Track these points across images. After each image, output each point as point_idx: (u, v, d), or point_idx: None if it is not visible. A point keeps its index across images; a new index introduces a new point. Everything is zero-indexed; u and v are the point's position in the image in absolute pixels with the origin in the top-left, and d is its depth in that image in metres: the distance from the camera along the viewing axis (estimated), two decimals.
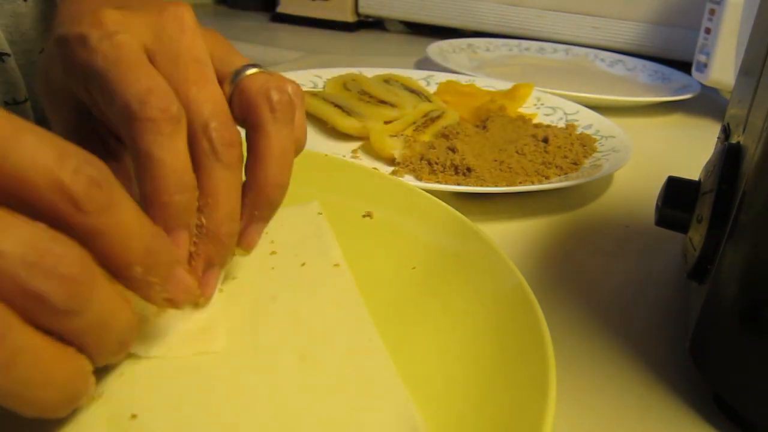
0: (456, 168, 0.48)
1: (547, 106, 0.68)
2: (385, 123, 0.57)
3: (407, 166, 0.50)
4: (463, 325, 0.28)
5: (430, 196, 0.36)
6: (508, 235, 0.44)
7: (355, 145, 0.56)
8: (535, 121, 0.63)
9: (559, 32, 1.05)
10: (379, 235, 0.35)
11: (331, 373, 0.25)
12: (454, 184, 0.46)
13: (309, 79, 0.68)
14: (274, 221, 0.28)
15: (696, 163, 0.39)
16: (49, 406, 0.18)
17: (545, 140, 0.55)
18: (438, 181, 0.47)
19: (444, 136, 0.54)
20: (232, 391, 0.24)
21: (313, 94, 0.61)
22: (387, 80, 0.68)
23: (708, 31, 0.73)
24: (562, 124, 0.64)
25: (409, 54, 0.99)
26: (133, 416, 0.22)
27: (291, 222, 0.29)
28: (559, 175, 0.51)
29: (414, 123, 0.57)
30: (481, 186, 0.46)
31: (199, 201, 0.25)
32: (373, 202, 0.37)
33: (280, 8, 1.22)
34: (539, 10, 1.06)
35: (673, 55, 0.98)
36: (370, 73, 0.71)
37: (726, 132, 0.36)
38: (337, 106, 0.58)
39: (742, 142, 0.30)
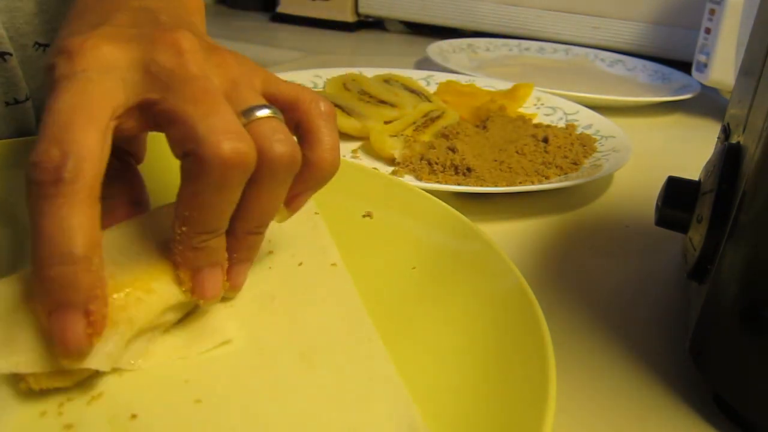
0: (456, 168, 0.48)
1: (547, 106, 0.68)
2: (385, 123, 0.57)
3: (407, 166, 0.50)
4: (463, 325, 0.28)
5: (430, 196, 0.36)
6: (508, 235, 0.44)
7: (355, 145, 0.56)
8: (535, 121, 0.63)
9: (559, 32, 1.05)
10: (379, 235, 0.35)
11: (331, 372, 0.25)
12: (454, 184, 0.46)
13: (309, 79, 0.68)
14: (271, 222, 0.28)
15: (696, 163, 0.39)
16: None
17: (545, 140, 0.55)
18: (438, 181, 0.47)
19: (444, 136, 0.54)
20: (231, 392, 0.24)
21: None
22: (387, 80, 0.68)
23: (708, 31, 0.73)
24: (562, 124, 0.64)
25: (409, 54, 0.99)
26: (133, 416, 0.22)
27: (288, 222, 0.29)
28: (559, 175, 0.51)
29: (414, 123, 0.57)
30: (481, 186, 0.46)
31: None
32: (373, 202, 0.37)
33: (280, 8, 1.22)
34: (539, 10, 1.06)
35: (673, 55, 0.98)
36: (370, 73, 0.71)
37: (726, 132, 0.36)
38: (337, 106, 0.58)
39: (742, 142, 0.30)
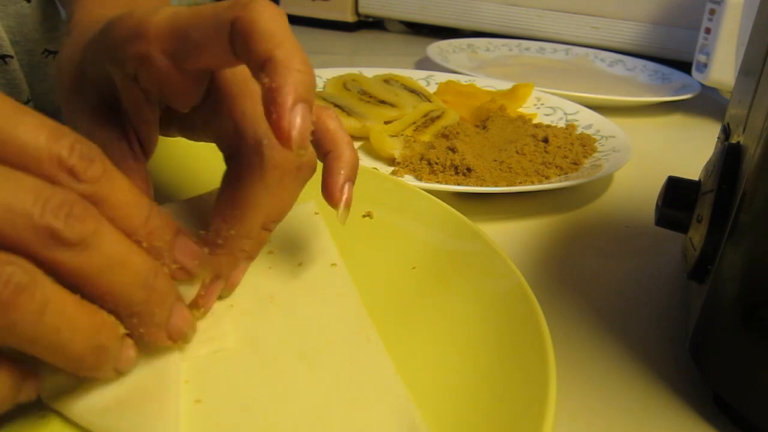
0: (456, 168, 0.48)
1: (547, 106, 0.68)
2: (385, 123, 0.57)
3: (407, 166, 0.50)
4: (463, 325, 0.28)
5: (430, 196, 0.36)
6: (508, 235, 0.44)
7: (355, 145, 0.56)
8: (535, 121, 0.63)
9: (559, 32, 1.05)
10: (379, 235, 0.35)
11: (331, 372, 0.25)
12: (454, 184, 0.46)
13: None
14: None
15: (696, 163, 0.39)
16: (78, 354, 0.19)
17: (545, 140, 0.55)
18: (438, 181, 0.47)
19: (444, 136, 0.54)
20: (231, 392, 0.24)
21: None
22: (387, 80, 0.68)
23: (708, 31, 0.73)
24: (562, 124, 0.64)
25: (409, 54, 0.99)
26: None
27: (287, 221, 0.29)
28: (559, 175, 0.51)
29: (414, 123, 0.57)
30: (481, 186, 0.46)
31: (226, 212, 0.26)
32: (373, 202, 0.37)
33: (280, 8, 1.22)
34: (539, 10, 1.06)
35: (673, 55, 0.98)
36: (370, 73, 0.71)
37: (726, 132, 0.36)
38: (337, 106, 0.58)
39: (742, 142, 0.30)
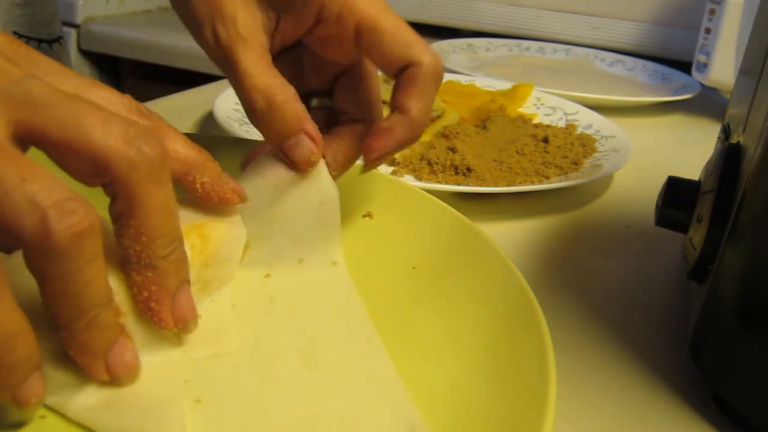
0: (456, 168, 0.48)
1: (547, 106, 0.68)
2: None
3: (407, 166, 0.50)
4: (463, 325, 0.28)
5: (430, 196, 0.36)
6: (508, 235, 0.44)
7: None
8: (535, 121, 0.63)
9: (559, 32, 1.05)
10: (379, 235, 0.35)
11: (331, 372, 0.25)
12: (454, 184, 0.46)
13: None
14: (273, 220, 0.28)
15: (696, 163, 0.39)
16: None
17: (545, 140, 0.55)
18: (438, 181, 0.47)
19: (444, 136, 0.54)
20: (231, 392, 0.24)
21: None
22: (387, 80, 0.68)
23: (708, 31, 0.73)
24: (562, 124, 0.64)
25: None
26: None
27: (293, 214, 0.29)
28: (559, 175, 0.51)
29: None
30: (481, 186, 0.46)
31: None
32: (373, 202, 0.37)
33: None
34: (539, 10, 1.06)
35: (673, 55, 0.98)
36: None
37: (726, 132, 0.36)
38: None
39: (742, 142, 0.30)
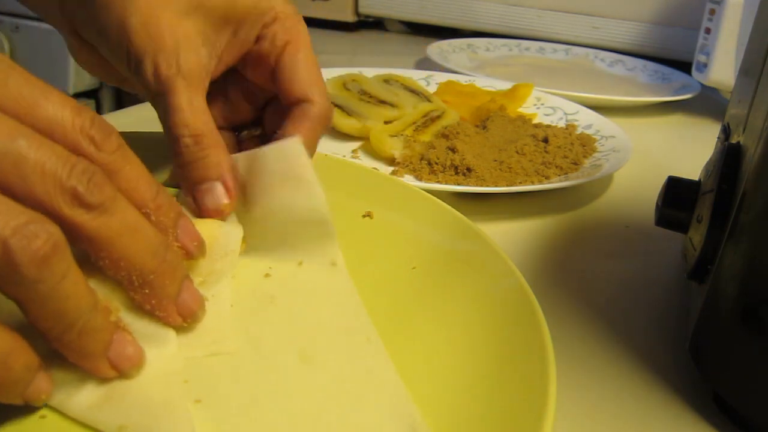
0: (456, 168, 0.48)
1: (547, 106, 0.68)
2: (385, 123, 0.57)
3: (407, 166, 0.50)
4: (463, 325, 0.28)
5: (430, 196, 0.36)
6: (508, 235, 0.44)
7: (355, 145, 0.56)
8: (535, 121, 0.63)
9: (559, 32, 1.05)
10: (379, 235, 0.35)
11: (331, 372, 0.25)
12: (454, 184, 0.46)
13: None
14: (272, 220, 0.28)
15: (696, 163, 0.39)
16: None
17: (545, 140, 0.55)
18: (438, 181, 0.47)
19: (444, 136, 0.54)
20: (231, 392, 0.24)
21: None
22: (387, 80, 0.68)
23: (708, 31, 0.73)
24: (562, 124, 0.64)
25: (409, 54, 0.99)
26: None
27: (289, 217, 0.29)
28: (559, 175, 0.51)
29: (414, 123, 0.57)
30: (481, 186, 0.46)
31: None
32: (373, 202, 0.37)
33: None
34: (539, 10, 1.06)
35: (673, 55, 0.98)
36: (370, 73, 0.70)
37: (726, 132, 0.36)
38: (337, 106, 0.58)
39: (742, 142, 0.30)
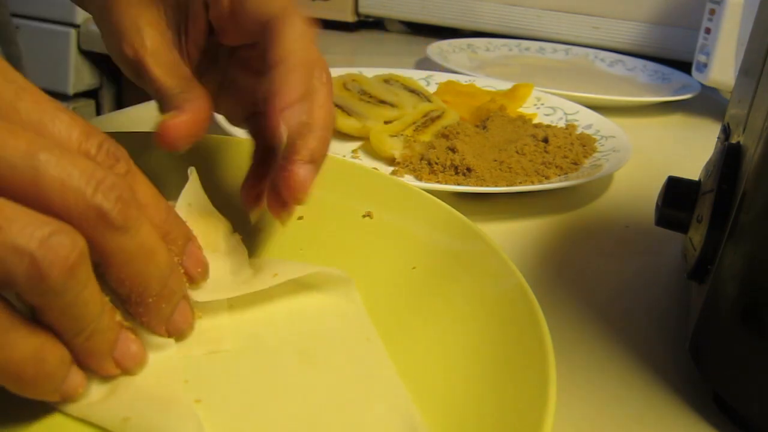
0: (456, 168, 0.48)
1: (547, 106, 0.68)
2: (385, 123, 0.57)
3: (407, 166, 0.50)
4: (463, 325, 0.28)
5: (430, 196, 0.36)
6: (508, 235, 0.44)
7: (355, 145, 0.56)
8: (535, 121, 0.63)
9: (559, 32, 1.05)
10: (379, 235, 0.35)
11: (330, 372, 0.25)
12: (454, 184, 0.46)
13: None
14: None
15: (696, 163, 0.39)
16: (14, 363, 0.19)
17: (545, 140, 0.55)
18: (438, 181, 0.47)
19: (444, 136, 0.54)
20: (231, 392, 0.24)
21: None
22: (387, 80, 0.68)
23: (708, 31, 0.73)
24: (562, 124, 0.64)
25: (409, 54, 0.99)
26: (126, 419, 0.22)
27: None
28: (559, 175, 0.51)
29: (414, 123, 0.57)
30: (481, 186, 0.46)
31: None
32: (373, 202, 0.37)
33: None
34: (539, 10, 1.06)
35: (673, 55, 0.98)
36: (370, 73, 0.70)
37: (726, 132, 0.36)
38: (337, 106, 0.58)
39: (742, 142, 0.30)
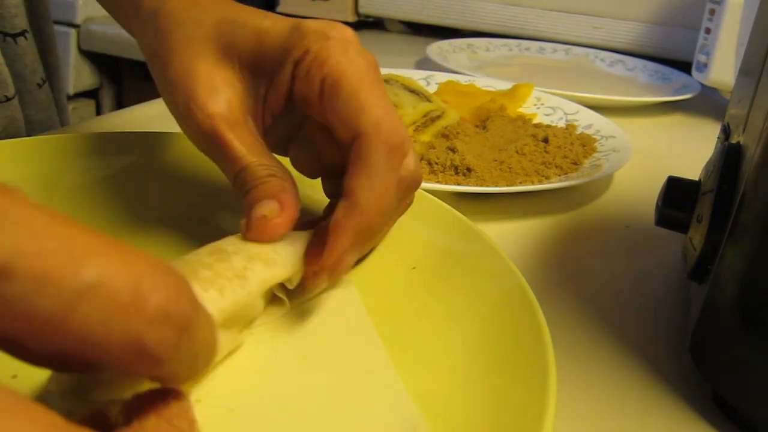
0: (456, 168, 0.48)
1: (547, 106, 0.68)
2: None
3: None
4: (463, 325, 0.28)
5: (430, 196, 0.36)
6: (508, 235, 0.44)
7: None
8: (535, 121, 0.63)
9: (559, 32, 1.05)
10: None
11: (331, 373, 0.25)
12: (454, 184, 0.46)
13: None
14: None
15: (696, 163, 0.39)
16: None
17: (545, 140, 0.55)
18: (438, 181, 0.47)
19: (444, 136, 0.54)
20: (231, 392, 0.24)
21: None
22: (387, 80, 0.68)
23: (708, 31, 0.73)
24: (562, 124, 0.64)
25: (409, 54, 0.99)
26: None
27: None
28: (559, 175, 0.51)
29: (414, 123, 0.57)
30: (481, 186, 0.46)
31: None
32: None
33: (280, 8, 1.22)
34: (539, 10, 1.06)
35: (673, 55, 0.98)
36: None
37: (726, 132, 0.36)
38: None
39: (742, 142, 0.30)
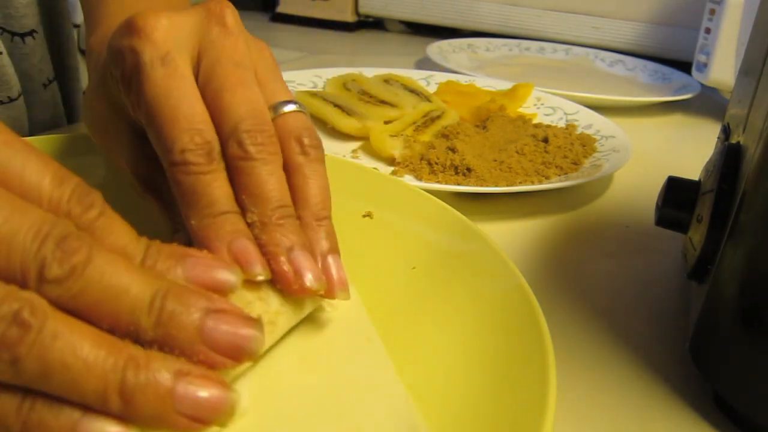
0: (456, 168, 0.48)
1: (547, 106, 0.68)
2: (385, 123, 0.57)
3: (407, 166, 0.50)
4: (463, 325, 0.28)
5: (430, 196, 0.36)
6: (508, 235, 0.44)
7: (355, 145, 0.56)
8: (535, 121, 0.63)
9: (559, 32, 1.05)
10: (379, 235, 0.35)
11: (331, 372, 0.25)
12: (454, 184, 0.46)
13: (309, 79, 0.68)
14: None
15: (696, 163, 0.39)
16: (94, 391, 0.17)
17: (545, 140, 0.55)
18: (438, 181, 0.47)
19: (444, 136, 0.54)
20: None
21: (313, 94, 0.61)
22: (387, 80, 0.68)
23: (708, 31, 0.73)
24: (562, 124, 0.64)
25: (409, 54, 0.99)
26: None
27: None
28: (559, 175, 0.51)
29: (414, 123, 0.57)
30: (481, 186, 0.46)
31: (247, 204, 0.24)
32: (373, 202, 0.37)
33: (280, 8, 1.22)
34: (539, 10, 1.06)
35: (673, 55, 0.98)
36: (370, 73, 0.71)
37: (726, 132, 0.36)
38: (337, 106, 0.58)
39: (742, 142, 0.30)
